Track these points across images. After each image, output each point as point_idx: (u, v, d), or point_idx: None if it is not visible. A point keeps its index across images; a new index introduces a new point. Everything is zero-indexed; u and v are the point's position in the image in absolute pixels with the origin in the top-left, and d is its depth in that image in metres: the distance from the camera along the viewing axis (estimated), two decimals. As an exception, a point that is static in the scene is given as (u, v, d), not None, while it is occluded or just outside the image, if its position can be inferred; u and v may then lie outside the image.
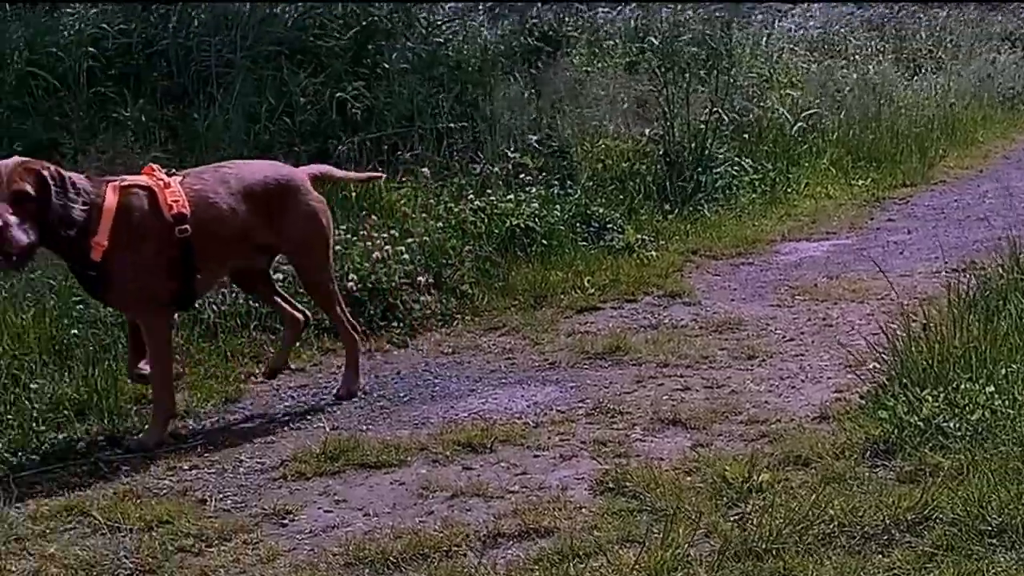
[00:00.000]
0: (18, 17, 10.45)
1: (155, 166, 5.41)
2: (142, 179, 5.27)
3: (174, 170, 5.56)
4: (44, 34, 9.71)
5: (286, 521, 4.50)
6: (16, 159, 4.96)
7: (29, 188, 4.85)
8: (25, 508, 4.61)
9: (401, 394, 5.87)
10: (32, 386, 5.44)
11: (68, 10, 10.55)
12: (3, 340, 5.61)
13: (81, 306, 6.03)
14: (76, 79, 8.92)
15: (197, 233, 5.22)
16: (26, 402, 5.35)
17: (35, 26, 10.01)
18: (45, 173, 4.91)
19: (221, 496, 4.73)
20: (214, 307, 6.32)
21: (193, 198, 5.28)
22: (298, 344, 6.21)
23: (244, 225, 5.45)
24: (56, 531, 4.43)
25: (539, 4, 12.94)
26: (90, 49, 9.33)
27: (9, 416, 5.28)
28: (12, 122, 8.53)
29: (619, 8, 13.76)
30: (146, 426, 5.32)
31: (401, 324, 6.73)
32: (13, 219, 4.80)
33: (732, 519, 4.28)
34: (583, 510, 4.45)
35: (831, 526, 4.14)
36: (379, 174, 7.17)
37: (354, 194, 7.76)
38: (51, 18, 10.14)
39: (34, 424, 5.26)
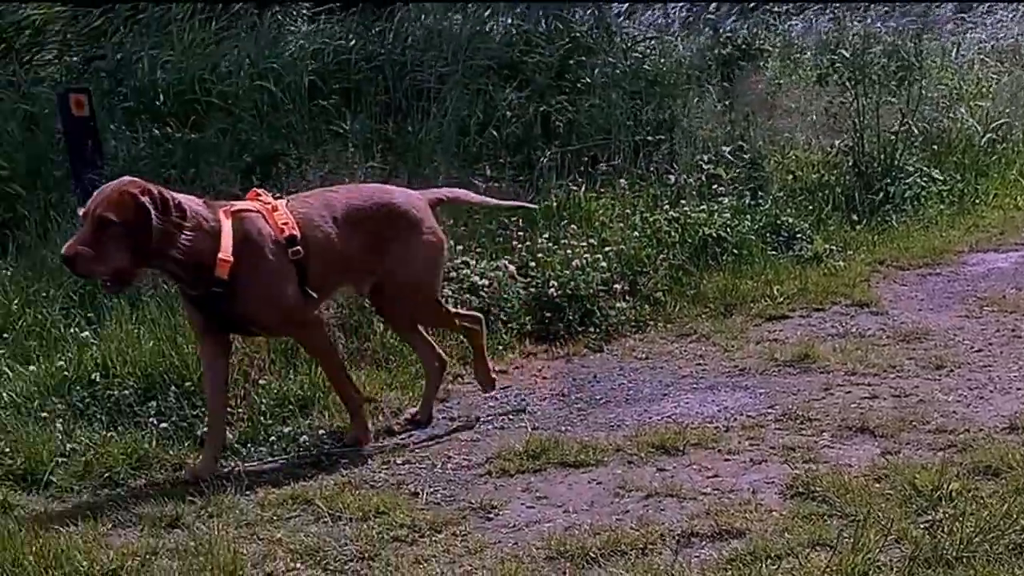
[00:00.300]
0: (246, 33, 10.83)
1: (260, 191, 5.27)
2: (249, 204, 5.12)
3: (278, 194, 5.44)
4: (269, 50, 10.05)
5: (491, 515, 4.58)
6: (122, 180, 4.82)
7: (112, 215, 4.65)
8: (254, 496, 4.78)
9: (597, 397, 5.91)
10: (260, 382, 5.60)
11: (290, 28, 10.90)
12: (235, 339, 5.76)
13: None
14: (299, 93, 9.20)
15: (308, 255, 5.06)
16: (255, 397, 5.53)
17: (261, 42, 10.36)
18: (144, 199, 4.69)
19: (431, 490, 4.83)
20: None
21: (300, 221, 5.11)
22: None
23: (350, 249, 5.22)
24: (282, 518, 4.58)
25: (733, 17, 12.88)
26: (311, 63, 9.63)
27: (240, 410, 5.46)
28: (241, 133, 8.83)
29: (812, 21, 13.58)
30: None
31: (597, 329, 6.75)
32: (85, 249, 4.65)
33: (922, 526, 4.21)
34: (773, 513, 4.43)
35: (1023, 536, 4.04)
36: (529, 204, 6.96)
37: (555, 204, 7.85)
38: (279, 33, 10.48)
39: (262, 418, 5.44)
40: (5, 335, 6.05)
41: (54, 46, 11.04)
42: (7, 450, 5.03)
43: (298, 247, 5.03)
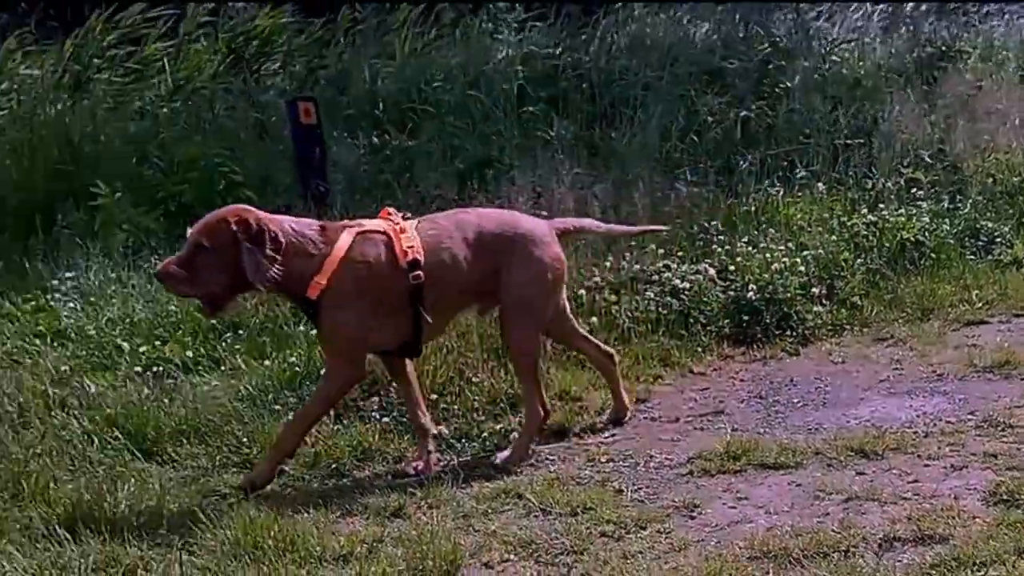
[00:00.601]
0: (457, 42, 11.10)
1: (391, 210, 5.18)
2: (380, 224, 5.05)
3: (408, 215, 5.30)
4: (479, 58, 10.27)
5: (694, 514, 4.62)
6: (228, 208, 4.90)
7: (205, 241, 4.74)
8: (469, 489, 4.90)
9: (795, 400, 5.87)
10: (474, 380, 5.71)
11: (497, 36, 11.12)
12: (451, 338, 5.90)
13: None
14: (508, 100, 9.36)
15: (429, 280, 4.96)
16: (468, 395, 5.65)
17: (472, 50, 10.60)
18: (236, 228, 4.73)
19: (635, 487, 4.88)
20: (627, 313, 6.49)
21: (427, 243, 5.01)
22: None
23: (473, 274, 5.10)
24: (496, 511, 4.68)
25: (931, 18, 12.58)
26: (520, 69, 9.80)
27: (455, 406, 5.60)
28: (454, 139, 9.04)
29: (1013, 21, 13.16)
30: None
31: (794, 333, 6.68)
32: (178, 269, 4.75)
33: None
34: (977, 520, 4.36)
35: None
36: (659, 228, 6.53)
37: (754, 208, 7.83)
38: (491, 42, 10.68)
39: (474, 415, 5.57)
40: (240, 332, 6.34)
41: (279, 56, 11.49)
42: (244, 440, 5.28)
43: (419, 272, 4.94)
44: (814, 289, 6.94)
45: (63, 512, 4.56)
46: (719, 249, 7.13)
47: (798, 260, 7.07)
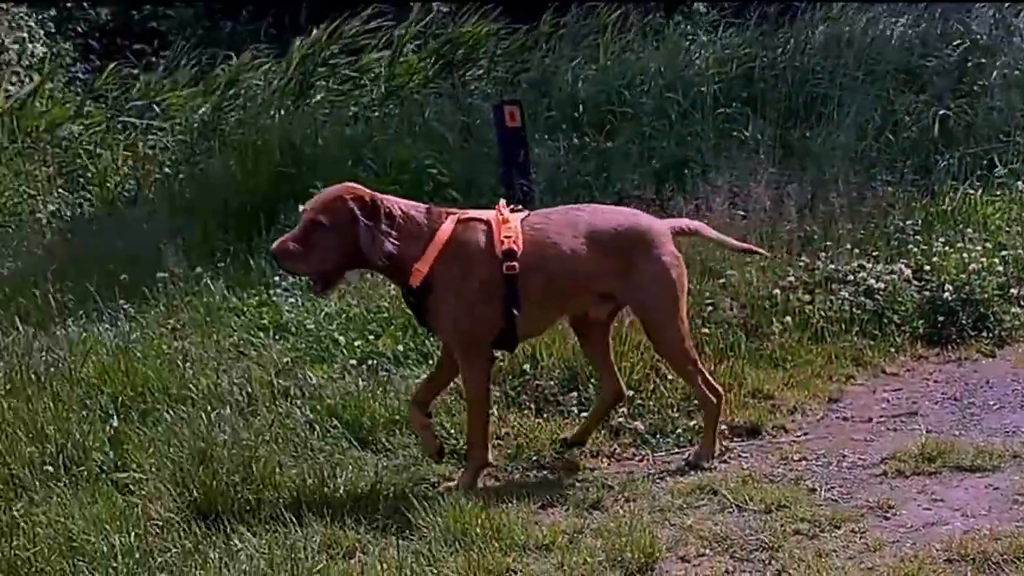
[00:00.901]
0: (653, 45, 11.11)
1: (503, 202, 5.02)
2: (485, 214, 4.92)
3: (519, 207, 5.08)
4: (676, 61, 10.25)
5: (888, 515, 4.54)
6: (341, 185, 4.83)
7: (322, 218, 4.69)
8: (664, 484, 4.92)
9: (991, 402, 5.71)
10: (669, 377, 5.64)
11: (692, 38, 11.08)
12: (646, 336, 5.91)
13: (710, 307, 6.25)
14: (704, 102, 9.32)
15: (525, 272, 4.79)
16: (663, 391, 5.62)
17: (668, 53, 10.59)
18: (353, 204, 4.69)
19: (828, 487, 4.83)
20: (821, 312, 6.40)
21: (531, 236, 4.84)
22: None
23: (584, 271, 4.91)
24: (691, 506, 4.68)
25: None
26: (718, 71, 9.73)
27: (650, 402, 5.58)
28: (651, 141, 9.04)
29: None
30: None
31: (990, 334, 6.49)
32: (295, 246, 4.70)
33: None
34: None
35: None
36: (760, 250, 5.92)
37: (951, 208, 7.62)
38: (691, 46, 10.65)
39: (668, 411, 5.54)
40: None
41: (484, 61, 11.70)
42: (452, 431, 5.37)
43: (514, 263, 4.79)
44: (1012, 290, 6.74)
45: (288, 496, 4.74)
46: (915, 249, 6.98)
47: (996, 260, 6.87)
